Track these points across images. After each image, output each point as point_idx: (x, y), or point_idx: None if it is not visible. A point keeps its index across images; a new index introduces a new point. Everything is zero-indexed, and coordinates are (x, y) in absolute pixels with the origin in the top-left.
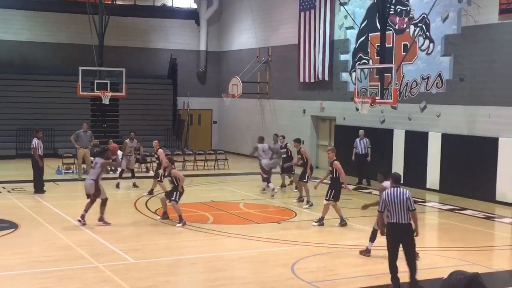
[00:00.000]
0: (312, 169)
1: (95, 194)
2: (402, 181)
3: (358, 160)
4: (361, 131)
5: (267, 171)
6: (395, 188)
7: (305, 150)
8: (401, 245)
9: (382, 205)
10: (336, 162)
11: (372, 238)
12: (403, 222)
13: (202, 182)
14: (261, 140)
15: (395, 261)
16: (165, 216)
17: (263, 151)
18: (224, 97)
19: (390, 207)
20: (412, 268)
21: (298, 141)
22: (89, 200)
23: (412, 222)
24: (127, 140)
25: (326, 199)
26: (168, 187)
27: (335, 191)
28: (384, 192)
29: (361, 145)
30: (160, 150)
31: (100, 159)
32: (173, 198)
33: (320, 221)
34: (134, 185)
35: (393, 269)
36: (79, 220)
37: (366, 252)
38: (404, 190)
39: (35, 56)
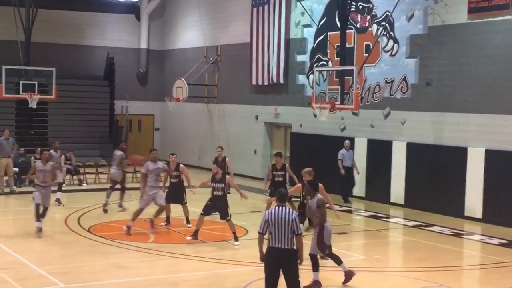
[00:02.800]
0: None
1: (123, 180)
2: (364, 195)
3: (347, 174)
4: (347, 142)
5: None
6: (280, 208)
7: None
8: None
9: (264, 226)
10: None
11: (315, 267)
12: (286, 247)
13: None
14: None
15: None
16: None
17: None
18: (167, 101)
19: (272, 229)
20: None
21: (279, 155)
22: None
23: (296, 247)
24: (52, 151)
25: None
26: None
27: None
28: (266, 212)
29: (349, 156)
30: (182, 166)
31: (117, 151)
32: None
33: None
34: (59, 202)
35: None
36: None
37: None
38: (290, 210)
39: None
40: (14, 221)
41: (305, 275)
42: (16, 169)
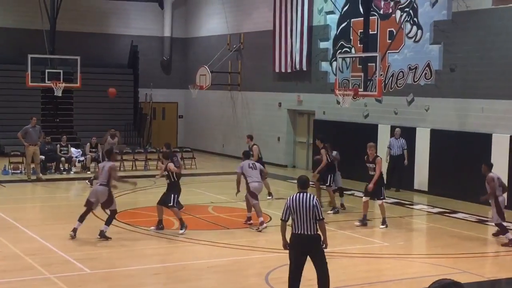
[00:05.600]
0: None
1: (106, 202)
2: (385, 182)
3: (393, 163)
4: (397, 130)
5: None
6: (301, 194)
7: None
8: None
9: (286, 213)
10: (379, 159)
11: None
12: (309, 233)
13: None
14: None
15: (298, 280)
16: (160, 226)
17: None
18: (191, 89)
19: (294, 216)
20: (324, 284)
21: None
22: (86, 209)
23: (320, 232)
24: (109, 137)
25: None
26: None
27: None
28: (288, 198)
29: (397, 145)
30: (255, 146)
31: (108, 163)
32: (171, 204)
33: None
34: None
35: None
36: (71, 235)
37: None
38: (311, 196)
39: None
40: (41, 208)
41: (330, 260)
42: (42, 157)
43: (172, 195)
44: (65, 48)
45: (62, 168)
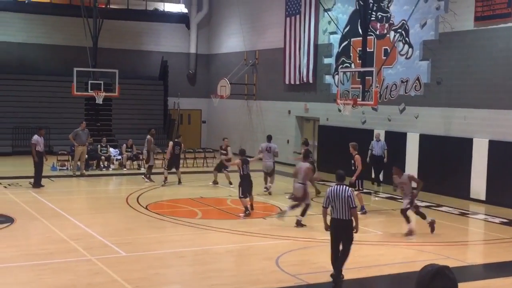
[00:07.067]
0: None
1: (302, 197)
2: (382, 179)
3: (375, 161)
4: (377, 133)
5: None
6: (339, 186)
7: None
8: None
9: (326, 201)
10: (357, 156)
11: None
12: (344, 218)
13: (191, 179)
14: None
15: (338, 252)
16: (247, 212)
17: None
18: (213, 98)
19: (333, 203)
20: (341, 262)
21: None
22: (296, 203)
23: (353, 218)
24: (149, 136)
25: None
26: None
27: (361, 182)
28: (328, 189)
29: (378, 147)
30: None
31: (305, 163)
32: (238, 195)
33: (362, 209)
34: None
35: (335, 263)
36: (300, 224)
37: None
38: (346, 188)
39: (32, 57)
40: (84, 199)
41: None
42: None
43: (240, 188)
44: (105, 63)
45: (102, 165)
